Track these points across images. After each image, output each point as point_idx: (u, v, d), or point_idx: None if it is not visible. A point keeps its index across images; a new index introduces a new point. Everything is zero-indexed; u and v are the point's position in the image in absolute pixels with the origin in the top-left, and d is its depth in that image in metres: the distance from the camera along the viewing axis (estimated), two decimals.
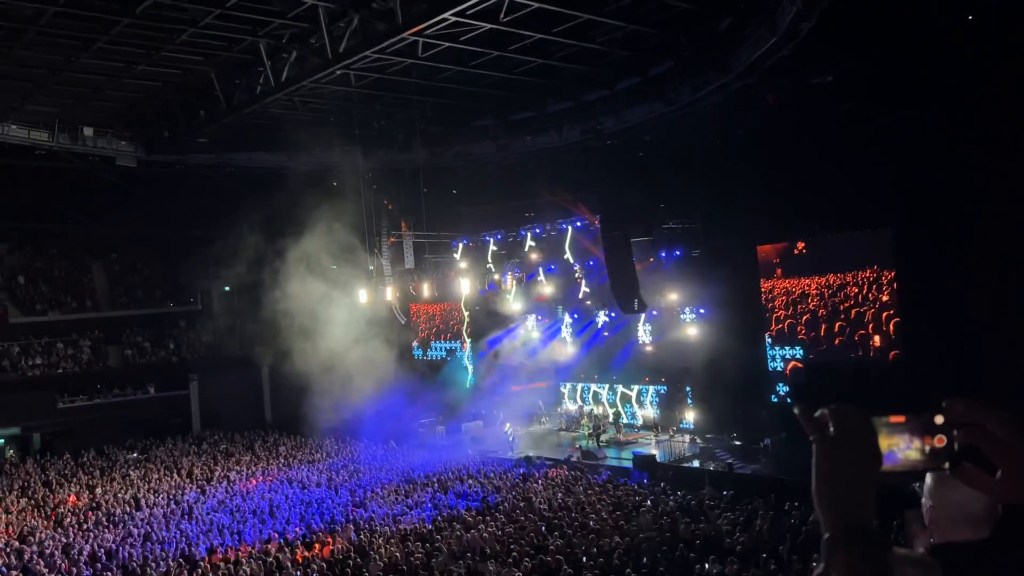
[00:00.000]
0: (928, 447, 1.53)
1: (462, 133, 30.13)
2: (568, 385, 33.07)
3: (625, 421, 30.66)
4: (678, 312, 28.29)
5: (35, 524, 22.02)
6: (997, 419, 1.52)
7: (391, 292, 30.75)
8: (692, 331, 27.76)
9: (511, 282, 31.30)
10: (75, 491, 25.92)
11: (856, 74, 22.04)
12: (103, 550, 19.07)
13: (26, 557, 18.70)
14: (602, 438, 28.93)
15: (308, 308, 29.73)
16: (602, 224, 25.50)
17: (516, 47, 21.95)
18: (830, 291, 24.44)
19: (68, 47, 21.33)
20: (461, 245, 33.55)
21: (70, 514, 22.93)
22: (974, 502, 1.83)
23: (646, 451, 26.47)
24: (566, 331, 32.76)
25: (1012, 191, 18.82)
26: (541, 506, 20.48)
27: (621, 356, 30.97)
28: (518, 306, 33.09)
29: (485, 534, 17.89)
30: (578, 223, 29.47)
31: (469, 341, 35.37)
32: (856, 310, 23.78)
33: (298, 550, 18.33)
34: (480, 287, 32.27)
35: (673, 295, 27.96)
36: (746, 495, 20.08)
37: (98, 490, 25.70)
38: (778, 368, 25.76)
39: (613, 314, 29.78)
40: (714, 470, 23.59)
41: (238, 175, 32.82)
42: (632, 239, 25.48)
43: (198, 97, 25.67)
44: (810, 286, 24.89)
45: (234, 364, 38.22)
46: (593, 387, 32.22)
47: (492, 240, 32.56)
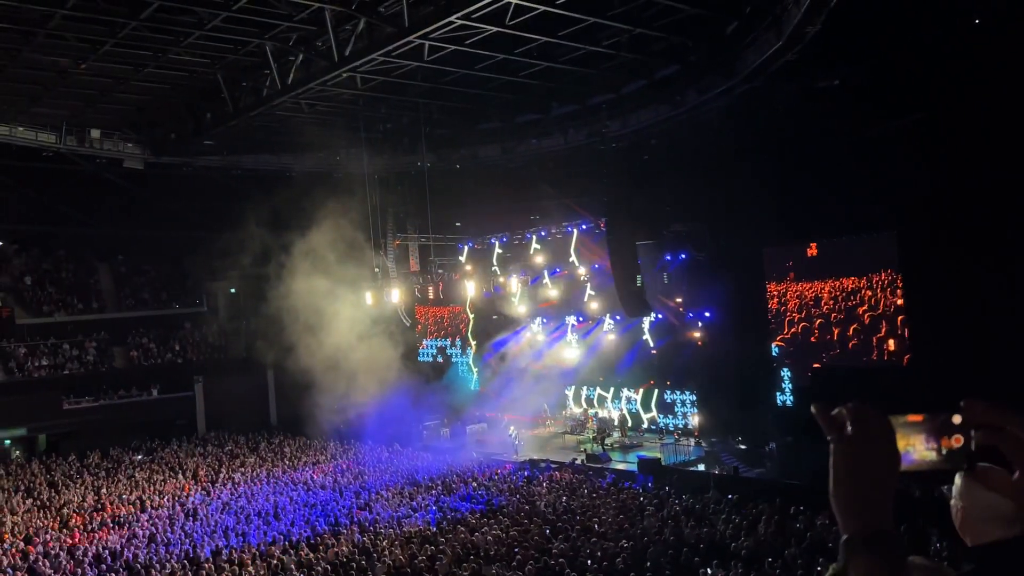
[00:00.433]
0: (945, 448, 1.51)
1: (468, 136, 30.18)
2: (573, 388, 33.04)
3: (635, 425, 30.57)
4: (684, 315, 28.25)
5: (40, 525, 22.07)
6: (1017, 420, 1.50)
7: (397, 294, 30.80)
8: (697, 334, 27.71)
9: (516, 285, 31.32)
10: (80, 492, 25.96)
11: (862, 78, 22.01)
12: (108, 551, 19.11)
13: (31, 558, 18.76)
14: (607, 441, 28.91)
15: (313, 310, 29.76)
16: (608, 227, 25.50)
17: (522, 50, 21.99)
18: (844, 294, 24.32)
19: (76, 50, 21.43)
20: (466, 248, 33.57)
21: (75, 515, 22.99)
22: (1005, 502, 1.82)
23: (651, 454, 26.44)
24: (571, 334, 32.74)
25: (1018, 194, 18.78)
26: (545, 509, 20.47)
27: (626, 359, 30.94)
28: (523, 309, 33.09)
29: (489, 537, 17.88)
30: (584, 226, 29.47)
31: (474, 344, 35.38)
32: (870, 314, 23.67)
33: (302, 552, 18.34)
34: (485, 290, 32.29)
35: (678, 298, 27.92)
36: (751, 499, 20.03)
37: (103, 491, 25.75)
38: (787, 375, 25.68)
39: (618, 317, 29.75)
40: (719, 474, 23.54)
41: (244, 177, 32.93)
42: (638, 242, 25.46)
43: (205, 99, 25.76)
44: (823, 290, 24.78)
45: (239, 366, 38.28)
46: (598, 390, 32.20)
47: (497, 243, 32.57)
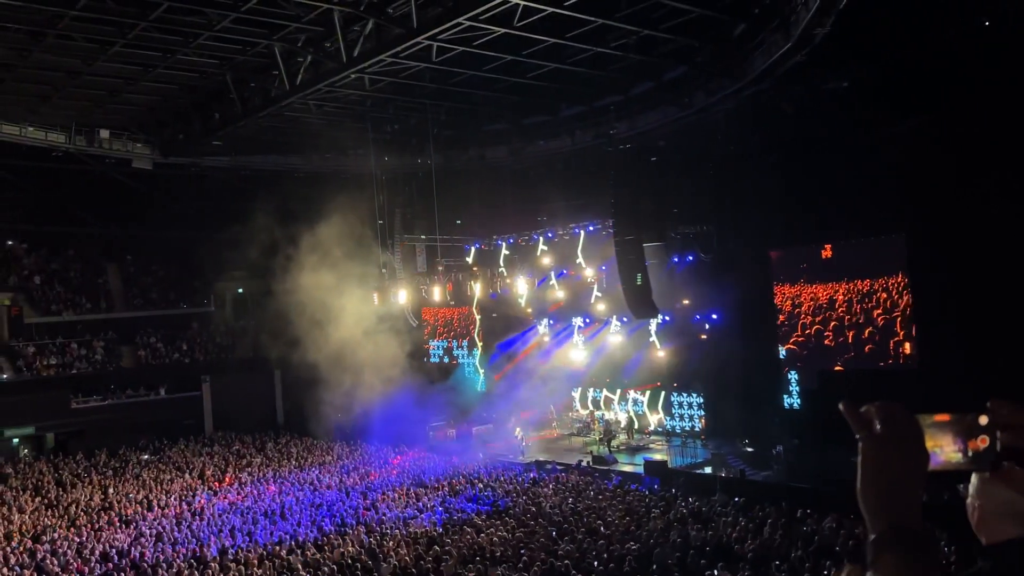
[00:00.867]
0: (972, 449, 1.50)
1: (475, 137, 30.21)
2: (579, 390, 33.00)
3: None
4: (691, 317, 28.19)
5: (48, 523, 22.16)
6: None
7: (404, 295, 30.82)
8: (704, 336, 27.64)
9: (523, 286, 31.30)
10: (88, 491, 26.05)
11: (870, 80, 21.94)
12: (115, 550, 19.17)
13: (39, 556, 18.84)
14: (613, 443, 28.87)
15: (320, 309, 29.82)
16: (615, 229, 25.45)
17: (530, 51, 21.99)
18: (858, 297, 24.19)
19: (86, 50, 21.52)
20: (473, 249, 33.57)
21: (83, 514, 23.08)
22: (1022, 500, 1.81)
23: (657, 457, 26.40)
24: (578, 336, 32.70)
25: None
26: (551, 511, 20.45)
27: (633, 361, 30.89)
28: (530, 310, 33.06)
29: (495, 538, 17.88)
30: (591, 227, 29.45)
31: (480, 345, 35.38)
32: (884, 317, 23.54)
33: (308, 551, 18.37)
34: (492, 291, 32.28)
35: (685, 300, 27.87)
36: (757, 502, 19.99)
37: (110, 490, 25.85)
38: (794, 378, 25.57)
39: (625, 319, 29.70)
40: (726, 476, 23.49)
41: (252, 177, 33.01)
42: (645, 244, 25.42)
43: (213, 100, 25.84)
44: (837, 292, 24.66)
45: (246, 365, 38.39)
46: (604, 392, 32.16)
47: (504, 244, 32.57)
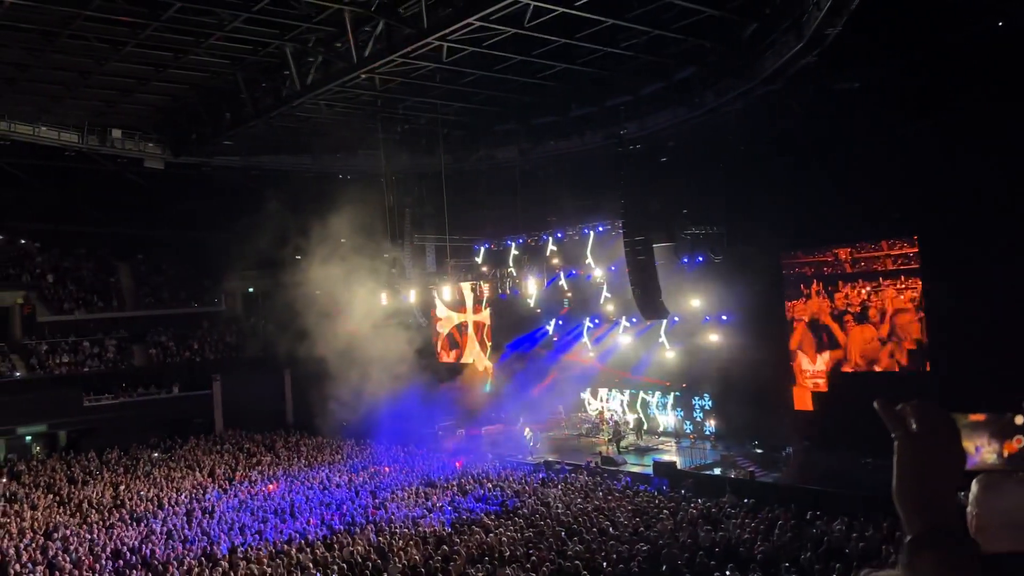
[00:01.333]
0: (1008, 451, 1.50)
1: (485, 137, 30.24)
2: (588, 390, 32.99)
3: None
4: (700, 318, 28.13)
5: (60, 520, 22.31)
6: None
7: (413, 295, 30.88)
8: (714, 337, 27.58)
9: (532, 286, 31.30)
10: (100, 489, 26.20)
11: (882, 81, 21.83)
12: (126, 547, 19.28)
13: (50, 553, 18.97)
14: (622, 444, 28.84)
15: (330, 309, 29.92)
16: (624, 229, 25.42)
17: (540, 52, 22.01)
18: (869, 298, 24.05)
19: (98, 51, 21.65)
20: (483, 249, 33.60)
21: (94, 511, 23.22)
22: (1021, 511, 1.79)
23: (666, 457, 26.36)
24: (587, 336, 32.68)
25: None
26: (560, 511, 20.44)
27: (642, 362, 30.85)
28: (539, 311, 33.07)
29: (504, 538, 17.88)
30: (600, 228, 29.42)
31: (489, 345, 35.40)
32: (896, 319, 23.39)
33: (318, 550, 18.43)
34: (501, 291, 32.30)
35: (695, 301, 27.81)
36: (767, 503, 19.94)
37: (122, 488, 25.99)
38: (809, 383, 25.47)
39: (634, 319, 29.67)
40: (735, 478, 23.43)
41: (263, 177, 33.13)
42: (654, 244, 25.39)
43: (225, 100, 25.95)
44: (851, 293, 24.52)
45: (256, 365, 38.53)
46: (614, 392, 32.13)
47: (514, 244, 32.58)
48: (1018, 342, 19.10)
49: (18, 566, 18.02)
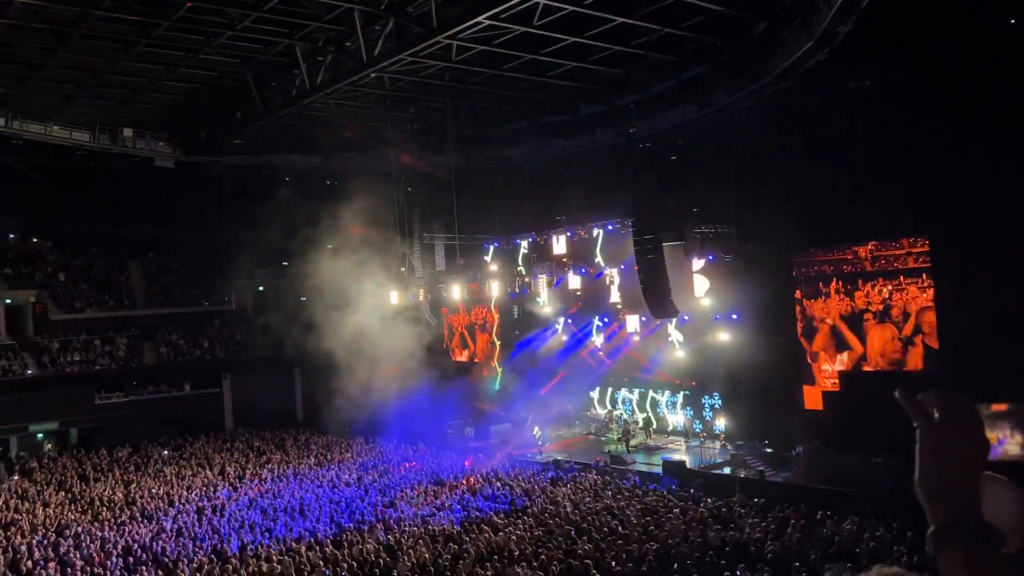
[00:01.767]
0: None
1: (494, 135, 30.23)
2: (597, 389, 32.95)
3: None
4: (710, 317, 28.05)
5: (72, 517, 22.43)
6: None
7: (422, 293, 30.90)
8: (724, 336, 27.49)
9: (541, 285, 31.29)
10: (111, 486, 26.33)
11: (894, 78, 21.69)
12: (137, 544, 19.38)
13: (62, 550, 19.08)
14: (631, 443, 28.80)
15: (340, 308, 29.98)
16: (634, 228, 25.38)
17: (549, 50, 21.98)
18: (880, 297, 23.90)
19: (110, 50, 21.75)
20: (492, 248, 33.60)
21: (105, 508, 23.34)
22: (1009, 514, 1.78)
23: (676, 457, 26.31)
24: (596, 335, 32.64)
25: None
26: (570, 510, 20.42)
27: (652, 361, 30.79)
28: (548, 309, 33.05)
29: (513, 537, 17.88)
30: (610, 226, 29.38)
31: (499, 344, 35.42)
32: (907, 318, 23.25)
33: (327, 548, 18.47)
34: (511, 290, 32.30)
35: (705, 300, 27.72)
36: (777, 503, 19.87)
37: (132, 485, 26.12)
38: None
39: (644, 318, 29.61)
40: (745, 477, 23.37)
41: (273, 176, 33.23)
42: (664, 243, 25.33)
43: (235, 99, 26.03)
44: (859, 292, 24.38)
45: (266, 363, 38.66)
46: (623, 392, 32.09)
47: (523, 243, 32.57)
48: None
49: (30, 563, 18.14)
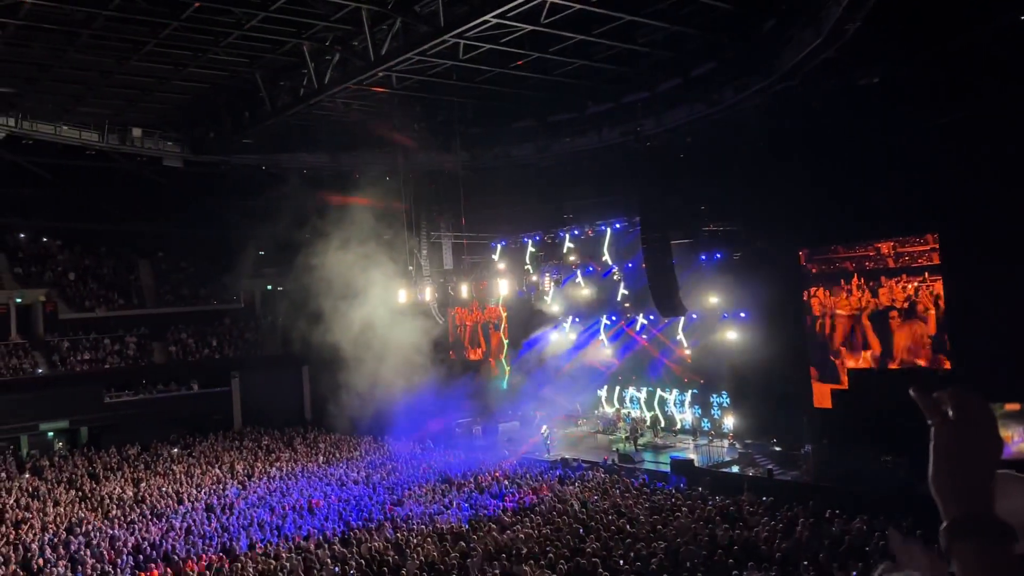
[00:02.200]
0: None
1: (502, 134, 30.20)
2: (605, 388, 32.94)
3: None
4: (718, 316, 28.00)
5: (82, 516, 22.56)
6: None
7: (429, 292, 30.94)
8: (732, 335, 27.44)
9: (549, 284, 31.29)
10: (120, 484, 26.46)
11: (903, 76, 21.59)
12: (147, 542, 19.48)
13: (73, 547, 19.20)
14: (639, 441, 28.78)
15: (348, 307, 30.03)
16: (642, 226, 25.35)
17: (557, 48, 21.95)
18: (889, 295, 23.78)
19: (119, 50, 21.83)
20: (500, 246, 33.60)
21: (115, 507, 23.46)
22: (1019, 513, 1.77)
23: (684, 455, 26.28)
24: (604, 333, 32.63)
25: None
26: (577, 509, 20.43)
27: (659, 359, 30.77)
28: (556, 308, 33.04)
29: (521, 535, 17.91)
30: (617, 225, 29.34)
31: (506, 342, 35.43)
32: (917, 317, 23.13)
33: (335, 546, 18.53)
34: (518, 288, 32.31)
35: (713, 298, 27.67)
36: (786, 501, 19.83)
37: (142, 484, 26.24)
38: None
39: (652, 317, 29.59)
40: (753, 476, 23.33)
41: (281, 175, 33.29)
42: (672, 241, 25.29)
43: (243, 99, 26.10)
44: (867, 289, 24.25)
45: (275, 361, 38.78)
46: (631, 390, 32.07)
47: (531, 241, 32.57)
48: None
49: (41, 560, 18.26)
